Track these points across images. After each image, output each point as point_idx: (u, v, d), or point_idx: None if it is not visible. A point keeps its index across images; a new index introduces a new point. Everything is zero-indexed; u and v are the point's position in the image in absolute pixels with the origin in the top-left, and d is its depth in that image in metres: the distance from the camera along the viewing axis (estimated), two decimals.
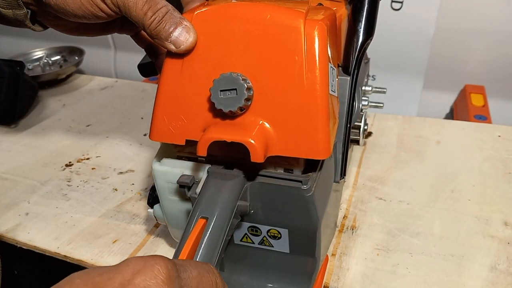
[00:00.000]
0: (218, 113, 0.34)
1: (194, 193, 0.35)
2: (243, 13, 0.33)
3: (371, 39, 0.43)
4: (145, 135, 0.74)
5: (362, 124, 0.50)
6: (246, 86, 0.32)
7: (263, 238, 0.39)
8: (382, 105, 0.59)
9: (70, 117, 0.82)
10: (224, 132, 0.33)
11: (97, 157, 0.69)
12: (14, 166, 0.67)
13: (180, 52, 0.34)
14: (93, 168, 0.66)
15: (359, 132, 0.50)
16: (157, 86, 0.36)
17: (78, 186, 0.62)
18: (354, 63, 0.42)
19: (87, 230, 0.54)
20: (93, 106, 0.86)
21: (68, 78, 0.97)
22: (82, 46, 1.01)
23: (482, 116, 0.84)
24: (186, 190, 0.36)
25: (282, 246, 0.39)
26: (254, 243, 0.40)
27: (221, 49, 0.33)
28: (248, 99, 0.32)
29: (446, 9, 0.85)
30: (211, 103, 0.33)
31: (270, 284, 0.43)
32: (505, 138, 0.68)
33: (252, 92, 0.33)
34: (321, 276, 0.44)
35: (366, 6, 0.43)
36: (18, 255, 0.55)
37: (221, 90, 0.32)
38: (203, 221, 0.32)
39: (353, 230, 0.52)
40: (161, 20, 0.33)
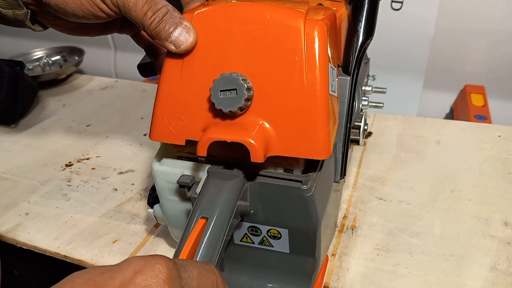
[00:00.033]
0: (218, 113, 0.34)
1: (194, 193, 0.35)
2: (243, 13, 0.33)
3: (371, 39, 0.43)
4: (145, 135, 0.74)
5: (362, 124, 0.50)
6: (246, 86, 0.32)
7: (263, 238, 0.39)
8: (382, 105, 0.59)
9: (70, 117, 0.82)
10: (224, 132, 0.33)
11: (97, 157, 0.69)
12: (14, 166, 0.67)
13: (180, 52, 0.34)
14: (93, 168, 0.66)
15: (359, 132, 0.50)
16: (157, 86, 0.36)
17: (78, 186, 0.62)
18: (354, 63, 0.42)
19: (87, 230, 0.54)
20: (93, 106, 0.86)
21: (68, 78, 0.97)
22: (82, 46, 1.01)
23: (482, 116, 0.84)
24: (186, 190, 0.36)
25: (282, 246, 0.39)
26: (254, 243, 0.40)
27: (221, 49, 0.33)
28: (248, 99, 0.32)
29: (446, 9, 0.85)
30: (211, 103, 0.33)
31: (270, 284, 0.43)
32: (505, 138, 0.68)
33: (252, 92, 0.33)
34: (321, 276, 0.44)
35: (366, 6, 0.43)
36: (18, 255, 0.55)
37: (221, 90, 0.32)
38: (203, 221, 0.32)
39: (353, 230, 0.52)
40: (161, 20, 0.33)
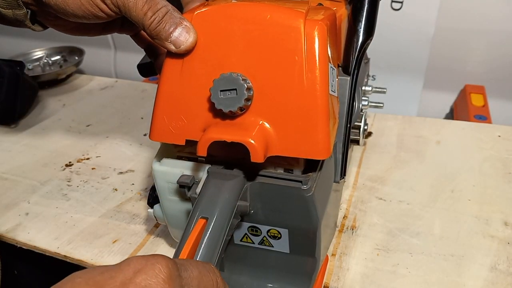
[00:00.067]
0: (218, 113, 0.34)
1: (194, 193, 0.35)
2: (243, 13, 0.33)
3: (371, 39, 0.43)
4: (145, 135, 0.74)
5: (362, 124, 0.50)
6: (246, 86, 0.32)
7: (263, 238, 0.39)
8: (382, 105, 0.59)
9: (70, 117, 0.82)
10: (224, 132, 0.33)
11: (97, 157, 0.69)
12: (14, 166, 0.67)
13: (180, 52, 0.34)
14: (93, 168, 0.66)
15: (359, 132, 0.50)
16: (157, 86, 0.36)
17: (78, 186, 0.62)
18: (354, 63, 0.42)
19: (87, 230, 0.54)
20: (93, 106, 0.86)
21: (68, 78, 0.97)
22: (82, 46, 1.01)
23: (482, 116, 0.84)
24: (186, 190, 0.36)
25: (282, 246, 0.39)
26: (254, 243, 0.40)
27: (221, 49, 0.33)
28: (248, 99, 0.32)
29: (446, 9, 0.85)
30: (211, 103, 0.33)
31: (270, 284, 0.43)
32: (505, 138, 0.68)
33: (252, 92, 0.33)
34: (321, 276, 0.44)
35: (366, 6, 0.43)
36: (18, 255, 0.55)
37: (221, 90, 0.32)
38: (203, 221, 0.32)
39: (353, 230, 0.52)
40: (161, 20, 0.33)
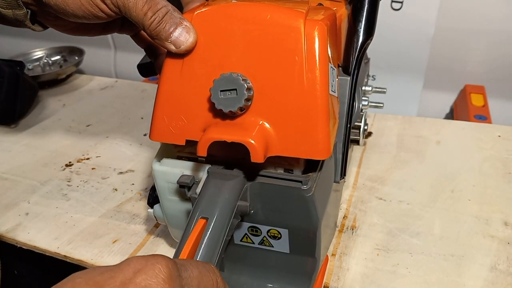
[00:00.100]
0: (218, 113, 0.34)
1: (194, 193, 0.35)
2: (243, 13, 0.33)
3: (371, 39, 0.43)
4: (145, 135, 0.74)
5: (362, 124, 0.50)
6: (246, 86, 0.32)
7: (263, 238, 0.39)
8: (382, 105, 0.59)
9: (70, 117, 0.82)
10: (224, 132, 0.33)
11: (97, 157, 0.69)
12: (14, 166, 0.67)
13: (180, 52, 0.34)
14: (93, 168, 0.66)
15: (359, 132, 0.50)
16: (157, 86, 0.36)
17: (78, 186, 0.62)
18: (354, 63, 0.42)
19: (87, 230, 0.54)
20: (93, 106, 0.86)
21: (68, 78, 0.97)
22: (82, 46, 1.01)
23: (482, 116, 0.84)
24: (186, 190, 0.36)
25: (282, 246, 0.39)
26: (254, 243, 0.40)
27: (221, 49, 0.33)
28: (248, 99, 0.32)
29: (446, 9, 0.85)
30: (211, 103, 0.33)
31: (270, 284, 0.43)
32: (505, 138, 0.68)
33: (252, 92, 0.33)
34: (321, 276, 0.44)
35: (366, 6, 0.43)
36: (18, 255, 0.55)
37: (221, 90, 0.32)
38: (203, 221, 0.32)
39: (353, 230, 0.52)
40: (161, 20, 0.33)
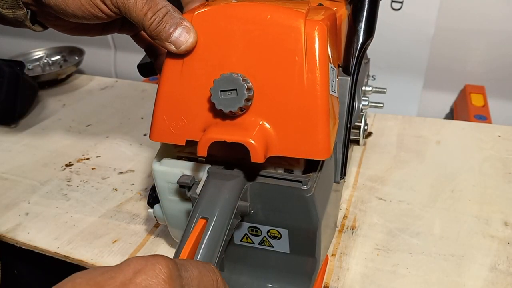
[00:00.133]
0: (218, 113, 0.34)
1: (194, 193, 0.35)
2: (243, 13, 0.33)
3: (371, 39, 0.43)
4: (145, 135, 0.74)
5: (362, 124, 0.50)
6: (246, 86, 0.32)
7: (263, 238, 0.39)
8: (382, 105, 0.59)
9: (70, 117, 0.82)
10: (224, 132, 0.33)
11: (97, 157, 0.69)
12: (14, 166, 0.67)
13: (180, 52, 0.34)
14: (93, 168, 0.66)
15: (359, 132, 0.50)
16: (157, 86, 0.36)
17: (78, 186, 0.62)
18: (354, 63, 0.42)
19: (87, 230, 0.54)
20: (93, 106, 0.86)
21: (68, 78, 0.97)
22: (82, 46, 1.01)
23: (482, 116, 0.84)
24: (186, 190, 0.36)
25: (282, 246, 0.39)
26: (254, 243, 0.40)
27: (221, 49, 0.33)
28: (248, 100, 0.32)
29: (446, 9, 0.85)
30: (211, 104, 0.33)
31: (270, 284, 0.43)
32: (505, 138, 0.68)
33: (252, 92, 0.33)
34: (321, 276, 0.44)
35: (366, 6, 0.43)
36: (18, 255, 0.55)
37: (221, 91, 0.32)
38: (203, 221, 0.32)
39: (353, 230, 0.52)
40: (161, 20, 0.33)
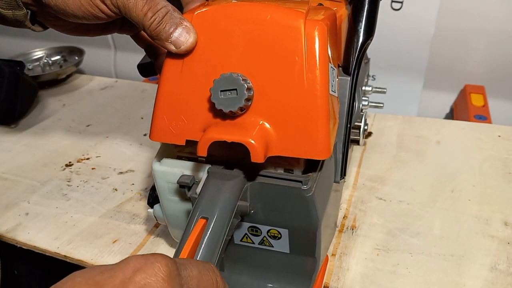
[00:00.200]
0: (218, 113, 0.34)
1: (194, 193, 0.35)
2: (243, 13, 0.33)
3: (371, 39, 0.43)
4: (145, 135, 0.74)
5: (362, 124, 0.50)
6: (246, 86, 0.32)
7: (263, 238, 0.39)
8: (382, 105, 0.59)
9: (70, 117, 0.82)
10: (224, 132, 0.33)
11: (97, 157, 0.69)
12: (14, 166, 0.67)
13: (180, 52, 0.34)
14: (93, 168, 0.66)
15: (359, 132, 0.50)
16: (157, 86, 0.36)
17: (78, 186, 0.62)
18: (354, 63, 0.42)
19: (87, 230, 0.54)
20: (93, 106, 0.86)
21: (68, 78, 0.97)
22: (82, 46, 1.01)
23: (482, 116, 0.84)
24: (186, 190, 0.36)
25: (282, 246, 0.39)
26: (254, 243, 0.40)
27: (221, 49, 0.33)
28: (248, 99, 0.32)
29: (446, 9, 0.85)
30: (211, 103, 0.33)
31: (270, 284, 0.43)
32: (505, 138, 0.68)
33: (252, 92, 0.33)
34: (321, 276, 0.44)
35: (366, 6, 0.43)
36: (18, 255, 0.55)
37: (221, 90, 0.32)
38: (203, 221, 0.32)
39: (353, 230, 0.52)
40: (161, 20, 0.33)
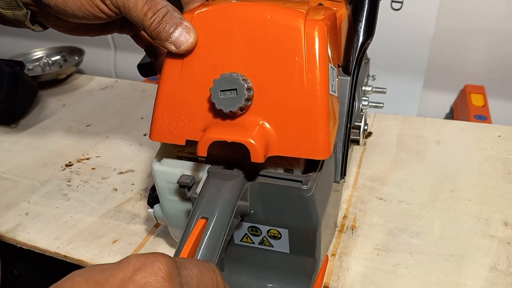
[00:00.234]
0: (218, 113, 0.34)
1: (194, 193, 0.35)
2: (243, 13, 0.33)
3: (371, 39, 0.43)
4: (145, 135, 0.74)
5: (362, 124, 0.50)
6: (246, 86, 0.32)
7: (263, 238, 0.39)
8: (382, 105, 0.59)
9: (70, 117, 0.82)
10: (224, 132, 0.33)
11: (97, 157, 0.69)
12: (14, 166, 0.67)
13: (180, 52, 0.34)
14: (93, 168, 0.66)
15: (359, 132, 0.50)
16: (157, 86, 0.36)
17: (78, 186, 0.62)
18: (354, 63, 0.42)
19: (87, 230, 0.54)
20: (93, 106, 0.86)
21: (68, 78, 0.97)
22: (82, 46, 1.01)
23: (482, 116, 0.84)
24: (186, 190, 0.36)
25: (282, 246, 0.39)
26: (254, 243, 0.40)
27: (221, 49, 0.33)
28: (248, 99, 0.32)
29: (446, 9, 0.85)
30: (211, 103, 0.33)
31: (270, 284, 0.43)
32: (505, 138, 0.68)
33: (252, 92, 0.33)
34: (321, 276, 0.44)
35: (366, 6, 0.43)
36: (18, 255, 0.55)
37: (221, 90, 0.32)
38: (203, 221, 0.32)
39: (353, 230, 0.52)
40: (161, 20, 0.33)
